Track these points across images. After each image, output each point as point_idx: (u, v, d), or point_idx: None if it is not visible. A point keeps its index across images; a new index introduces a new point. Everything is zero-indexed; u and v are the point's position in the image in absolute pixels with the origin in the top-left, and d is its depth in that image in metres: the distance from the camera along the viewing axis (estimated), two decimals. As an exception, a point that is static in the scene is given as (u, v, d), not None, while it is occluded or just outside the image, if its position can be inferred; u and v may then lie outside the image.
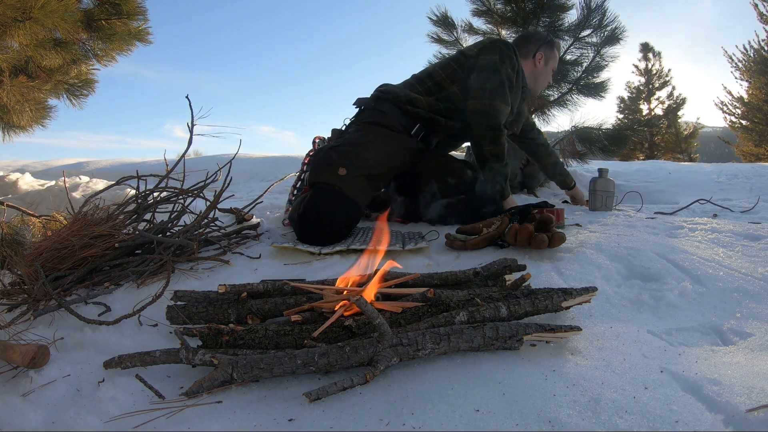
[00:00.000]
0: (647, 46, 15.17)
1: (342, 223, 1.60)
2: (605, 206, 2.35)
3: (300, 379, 0.79)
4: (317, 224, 1.57)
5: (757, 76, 10.96)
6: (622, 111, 15.26)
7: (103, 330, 1.00)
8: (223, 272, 1.38)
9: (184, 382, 0.79)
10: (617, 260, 1.31)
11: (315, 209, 1.58)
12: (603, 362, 0.79)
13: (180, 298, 1.02)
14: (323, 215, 1.57)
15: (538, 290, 0.97)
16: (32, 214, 2.19)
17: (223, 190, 1.68)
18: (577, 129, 4.09)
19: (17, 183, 3.95)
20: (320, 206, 1.58)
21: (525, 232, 1.38)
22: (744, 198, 2.98)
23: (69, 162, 8.18)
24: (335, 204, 1.59)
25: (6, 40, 2.87)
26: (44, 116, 3.93)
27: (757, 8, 10.69)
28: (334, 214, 1.58)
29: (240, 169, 4.10)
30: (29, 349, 0.83)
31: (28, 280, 1.28)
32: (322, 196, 1.61)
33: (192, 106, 1.69)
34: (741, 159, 11.51)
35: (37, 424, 0.71)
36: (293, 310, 0.96)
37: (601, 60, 4.23)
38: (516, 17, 4.27)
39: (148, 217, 1.69)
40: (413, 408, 0.67)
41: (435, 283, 1.09)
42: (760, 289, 1.14)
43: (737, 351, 0.87)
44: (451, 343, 0.80)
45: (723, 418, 0.64)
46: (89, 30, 3.51)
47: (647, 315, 1.04)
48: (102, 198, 1.71)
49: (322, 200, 1.60)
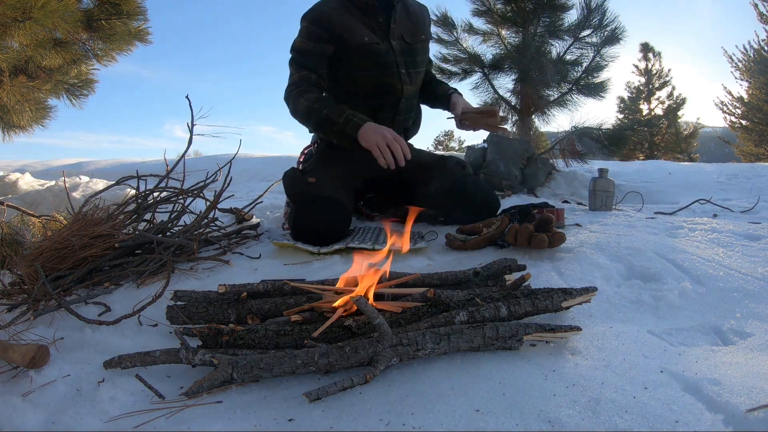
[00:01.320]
0: (647, 46, 15.18)
1: (331, 222, 1.59)
2: (605, 206, 2.35)
3: (300, 379, 0.79)
4: (310, 231, 1.57)
5: (757, 76, 10.96)
6: (622, 111, 15.27)
7: (103, 330, 1.00)
8: (223, 272, 1.38)
9: (184, 382, 0.79)
10: (617, 260, 1.31)
11: (302, 218, 1.59)
12: (603, 362, 0.79)
13: (180, 298, 1.02)
14: (311, 221, 1.57)
15: (538, 290, 0.97)
16: (32, 214, 2.19)
17: (223, 190, 1.68)
18: (577, 129, 4.09)
19: (17, 183, 3.95)
20: (305, 213, 1.59)
21: (525, 232, 1.38)
22: (744, 198, 2.98)
23: (69, 162, 8.18)
24: (318, 207, 1.58)
25: (6, 40, 2.87)
26: (44, 116, 3.93)
27: (757, 8, 10.69)
28: (320, 217, 1.58)
29: (240, 169, 4.11)
30: (29, 349, 0.83)
31: (28, 280, 1.28)
32: (304, 204, 1.62)
33: (192, 106, 1.69)
34: (741, 159, 11.51)
35: (37, 424, 0.71)
36: (293, 310, 0.97)
37: (601, 60, 4.23)
38: (516, 17, 4.27)
39: (148, 217, 1.69)
40: (413, 408, 0.67)
41: (435, 283, 1.09)
42: (760, 289, 1.14)
43: (737, 351, 0.87)
44: (451, 343, 0.80)
45: (723, 418, 0.64)
46: (89, 30, 3.51)
47: (647, 315, 1.04)
48: (102, 198, 1.71)
49: (305, 207, 1.60)
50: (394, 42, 1.74)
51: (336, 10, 1.71)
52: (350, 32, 1.69)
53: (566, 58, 4.25)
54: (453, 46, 4.55)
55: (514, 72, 4.40)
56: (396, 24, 1.76)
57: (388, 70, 1.74)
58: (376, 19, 1.73)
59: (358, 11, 1.71)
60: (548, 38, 4.28)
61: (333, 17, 1.69)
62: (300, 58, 1.71)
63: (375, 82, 1.75)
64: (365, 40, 1.70)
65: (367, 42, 1.70)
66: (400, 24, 1.77)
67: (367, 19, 1.72)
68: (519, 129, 4.55)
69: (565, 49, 4.26)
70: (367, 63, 1.72)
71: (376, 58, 1.72)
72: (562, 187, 3.70)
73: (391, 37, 1.74)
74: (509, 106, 4.60)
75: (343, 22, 1.69)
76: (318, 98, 1.66)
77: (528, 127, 4.48)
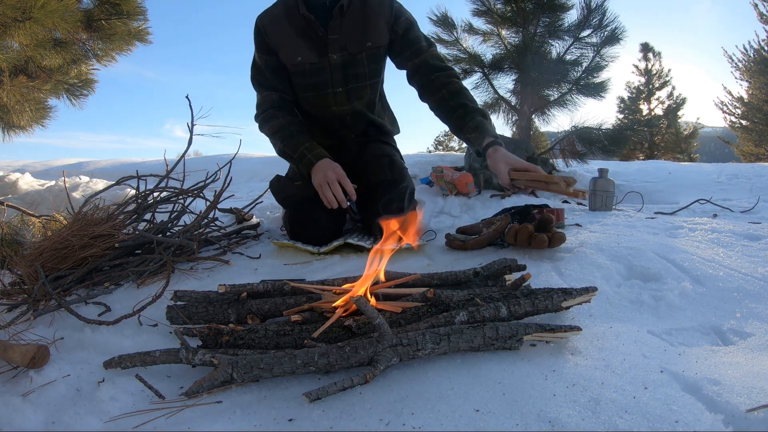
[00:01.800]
0: (647, 46, 15.19)
1: (326, 220, 1.58)
2: (605, 206, 2.35)
3: (300, 379, 0.79)
4: (307, 231, 1.57)
5: (757, 76, 10.97)
6: (622, 111, 15.27)
7: (103, 330, 1.00)
8: (223, 272, 1.38)
9: (184, 382, 0.79)
10: (617, 260, 1.31)
11: (297, 219, 1.60)
12: (603, 362, 0.79)
13: (180, 298, 1.02)
14: (306, 221, 1.58)
15: (538, 290, 0.97)
16: (32, 214, 2.19)
17: (223, 190, 1.68)
18: (577, 129, 4.09)
19: (17, 183, 3.95)
20: (299, 214, 1.59)
21: (525, 232, 1.38)
22: (744, 198, 2.98)
23: (69, 162, 8.17)
24: (310, 207, 1.57)
25: (6, 40, 2.87)
26: (44, 116, 3.93)
27: (757, 8, 10.69)
28: (313, 216, 1.58)
29: (240, 169, 4.11)
30: (29, 349, 0.83)
31: (28, 280, 1.28)
32: (295, 206, 1.61)
33: (192, 106, 1.69)
34: (741, 159, 11.52)
35: (37, 424, 0.71)
36: (293, 310, 0.97)
37: (601, 60, 4.23)
38: (516, 17, 4.27)
39: (148, 217, 1.69)
40: (413, 408, 0.67)
41: (435, 283, 1.09)
42: (760, 289, 1.14)
43: (737, 351, 0.86)
44: (451, 343, 0.80)
45: (723, 418, 0.64)
46: (89, 30, 3.51)
47: (647, 315, 1.04)
48: (102, 198, 1.71)
49: (297, 209, 1.60)
50: (334, 56, 1.58)
51: (275, 21, 1.59)
52: (285, 49, 1.58)
53: (566, 58, 4.26)
54: (453, 46, 4.56)
55: (514, 72, 4.41)
56: (340, 33, 1.56)
57: (321, 90, 1.63)
58: (315, 32, 1.56)
59: (301, 20, 1.56)
60: (548, 38, 4.28)
61: (270, 31, 1.58)
62: (258, 76, 1.65)
63: (313, 102, 1.67)
64: (298, 60, 1.58)
65: (300, 62, 1.58)
66: (345, 31, 1.57)
67: (309, 30, 1.57)
68: (519, 129, 4.56)
69: (565, 49, 4.26)
70: (303, 83, 1.63)
71: (309, 78, 1.61)
72: (562, 187, 3.70)
73: (330, 50, 1.57)
74: (509, 106, 4.61)
75: (280, 38, 1.58)
76: (279, 127, 1.59)
77: (528, 127, 4.48)
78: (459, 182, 3.15)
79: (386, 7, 1.61)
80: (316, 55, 1.58)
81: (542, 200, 3.14)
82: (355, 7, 1.58)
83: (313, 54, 1.58)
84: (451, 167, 3.59)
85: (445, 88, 1.57)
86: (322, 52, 1.58)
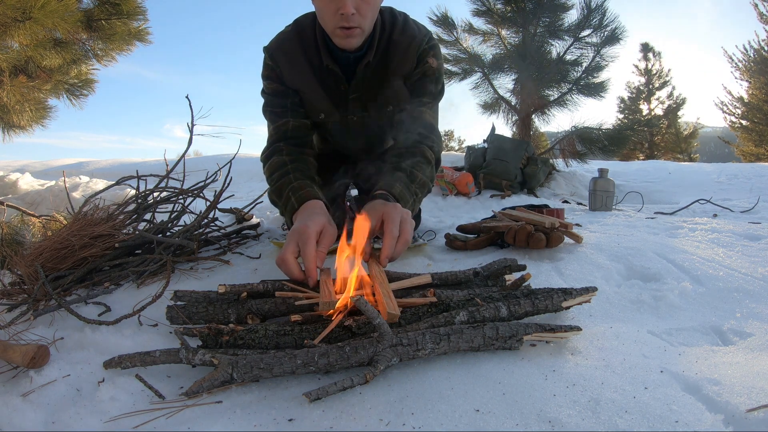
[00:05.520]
0: (647, 46, 15.20)
1: None
2: (605, 206, 2.35)
3: (300, 379, 0.79)
4: None
5: (757, 76, 10.98)
6: (622, 111, 15.29)
7: (103, 330, 1.00)
8: (223, 272, 1.38)
9: (184, 382, 0.79)
10: (617, 260, 1.31)
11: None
12: (603, 362, 0.79)
13: (180, 298, 1.02)
14: None
15: (538, 290, 0.97)
16: (32, 214, 2.19)
17: (223, 190, 1.68)
18: (577, 129, 4.10)
19: (17, 183, 3.95)
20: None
21: (523, 232, 1.38)
22: (744, 198, 2.98)
23: (69, 162, 8.18)
24: None
25: (6, 40, 2.87)
26: (44, 116, 3.93)
27: (757, 8, 10.70)
28: None
29: (240, 169, 4.10)
30: (29, 349, 0.83)
31: (28, 280, 1.28)
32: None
33: (192, 106, 1.69)
34: (741, 159, 11.53)
35: (37, 424, 0.71)
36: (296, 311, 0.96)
37: (601, 60, 4.24)
38: (516, 17, 4.27)
39: (148, 217, 1.69)
40: (413, 408, 0.67)
41: (435, 283, 1.09)
42: (760, 289, 1.14)
43: (737, 351, 0.86)
44: (451, 343, 0.80)
45: (723, 418, 0.64)
46: (89, 30, 3.51)
47: (647, 315, 1.04)
48: (102, 198, 1.71)
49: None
50: (354, 117, 1.52)
51: (292, 61, 1.44)
52: (305, 96, 1.48)
53: (566, 58, 4.26)
54: (453, 46, 4.56)
55: (514, 72, 4.41)
56: (361, 90, 1.46)
57: (339, 139, 1.62)
58: (338, 86, 1.46)
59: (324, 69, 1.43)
60: (548, 38, 4.29)
61: (286, 73, 1.45)
62: (270, 104, 1.49)
63: (324, 149, 1.67)
64: (320, 118, 1.51)
65: (322, 119, 1.52)
66: (366, 88, 1.46)
67: (329, 81, 1.45)
68: (519, 129, 4.56)
69: (565, 49, 4.27)
70: (320, 134, 1.64)
71: (327, 131, 1.60)
72: (562, 187, 3.70)
73: (351, 108, 1.49)
74: (509, 106, 4.60)
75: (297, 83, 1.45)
76: (276, 166, 1.40)
77: (528, 127, 4.48)
78: (459, 182, 3.15)
79: (411, 56, 1.43)
80: (338, 113, 1.52)
81: (542, 200, 3.14)
82: (377, 56, 1.42)
83: (336, 113, 1.51)
84: (451, 167, 3.59)
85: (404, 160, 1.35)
86: (342, 109, 1.51)
